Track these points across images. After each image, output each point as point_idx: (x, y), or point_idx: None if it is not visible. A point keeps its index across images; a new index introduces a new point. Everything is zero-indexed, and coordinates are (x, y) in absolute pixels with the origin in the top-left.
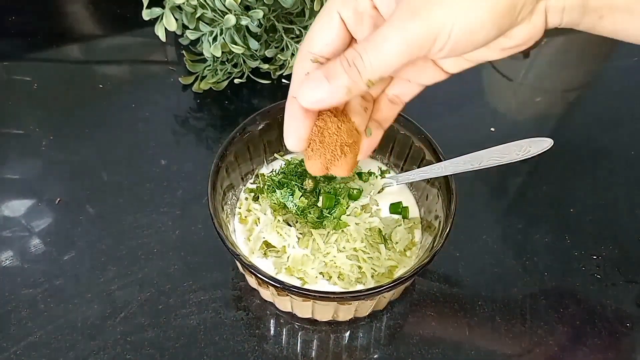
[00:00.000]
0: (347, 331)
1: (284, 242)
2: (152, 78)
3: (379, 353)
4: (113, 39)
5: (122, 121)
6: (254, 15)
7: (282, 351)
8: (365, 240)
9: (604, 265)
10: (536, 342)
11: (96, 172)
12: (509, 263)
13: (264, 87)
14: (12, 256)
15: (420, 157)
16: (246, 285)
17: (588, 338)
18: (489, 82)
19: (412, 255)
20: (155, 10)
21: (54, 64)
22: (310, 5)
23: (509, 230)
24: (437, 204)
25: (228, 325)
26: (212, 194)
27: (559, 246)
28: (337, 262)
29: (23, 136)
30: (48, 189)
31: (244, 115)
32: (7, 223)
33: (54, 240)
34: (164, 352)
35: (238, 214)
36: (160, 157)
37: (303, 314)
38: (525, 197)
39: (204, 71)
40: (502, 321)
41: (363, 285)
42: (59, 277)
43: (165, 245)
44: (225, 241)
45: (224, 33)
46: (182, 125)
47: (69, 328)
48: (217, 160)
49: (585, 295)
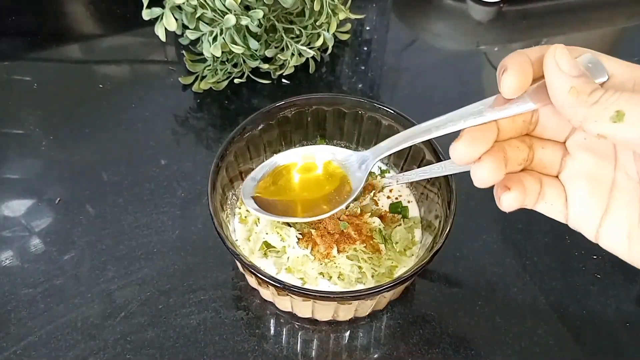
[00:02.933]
0: (347, 331)
1: (284, 242)
2: (152, 78)
3: (379, 353)
4: (113, 39)
5: (122, 121)
6: (254, 15)
7: (282, 351)
8: (365, 240)
9: (604, 265)
10: (536, 342)
11: (96, 172)
12: (509, 263)
13: (264, 87)
14: (12, 256)
15: (420, 157)
16: (246, 285)
17: (588, 338)
18: (489, 82)
19: (412, 255)
20: (155, 10)
21: (54, 64)
22: (310, 5)
23: (509, 230)
24: (437, 203)
25: (228, 325)
26: (212, 194)
27: (559, 246)
28: (337, 262)
29: (23, 136)
30: (48, 189)
31: (244, 115)
32: (7, 223)
33: (54, 240)
34: (164, 352)
35: (238, 214)
36: (160, 157)
37: (303, 314)
38: None
39: (204, 71)
40: (502, 321)
41: (363, 285)
42: (59, 276)
43: (165, 245)
44: (225, 241)
45: (224, 33)
46: (182, 125)
47: (69, 328)
48: (217, 160)
49: (585, 295)
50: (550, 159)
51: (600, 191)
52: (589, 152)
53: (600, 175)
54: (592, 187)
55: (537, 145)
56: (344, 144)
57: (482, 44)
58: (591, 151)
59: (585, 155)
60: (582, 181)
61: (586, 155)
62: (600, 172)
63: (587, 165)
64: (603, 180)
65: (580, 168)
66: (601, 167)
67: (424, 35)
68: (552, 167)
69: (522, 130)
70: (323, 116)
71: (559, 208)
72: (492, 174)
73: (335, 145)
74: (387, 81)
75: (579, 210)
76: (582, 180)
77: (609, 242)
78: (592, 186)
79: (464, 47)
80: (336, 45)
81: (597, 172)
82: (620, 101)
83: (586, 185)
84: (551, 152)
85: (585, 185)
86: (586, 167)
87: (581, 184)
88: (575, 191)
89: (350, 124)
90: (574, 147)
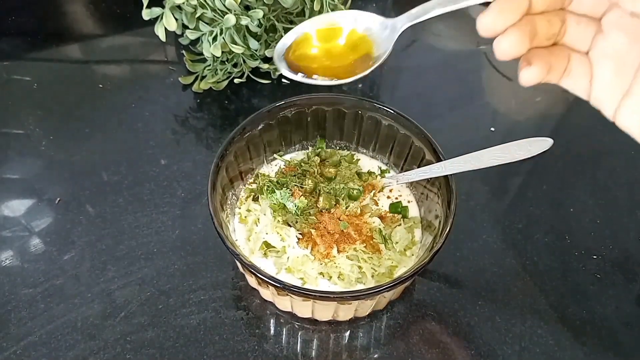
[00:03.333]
0: (347, 331)
1: (284, 242)
2: (152, 78)
3: (379, 353)
4: (113, 39)
5: (122, 121)
6: (254, 15)
7: (282, 351)
8: (365, 240)
9: (604, 265)
10: (536, 342)
11: (96, 172)
12: (509, 263)
13: (264, 87)
14: (12, 256)
15: (420, 157)
16: (246, 285)
17: (588, 338)
18: (489, 82)
19: (412, 255)
20: (155, 10)
21: (54, 64)
22: (310, 5)
23: (509, 230)
24: (437, 203)
25: (228, 325)
26: (212, 194)
27: (559, 246)
28: (337, 262)
29: (23, 136)
30: (48, 189)
31: (244, 115)
32: (7, 223)
33: (54, 240)
34: (164, 352)
35: (238, 214)
36: (160, 157)
37: (303, 314)
38: (525, 197)
39: (204, 71)
40: (502, 321)
41: (363, 285)
42: (59, 276)
43: (165, 245)
44: (225, 241)
45: (223, 33)
46: (182, 125)
47: (69, 328)
48: (217, 160)
49: (585, 295)
50: (583, 35)
51: (625, 72)
52: (622, 32)
53: (628, 56)
54: (619, 67)
55: (571, 20)
56: (344, 143)
57: (482, 44)
58: (624, 31)
59: (618, 35)
60: (611, 60)
61: (619, 35)
62: (629, 53)
63: (618, 45)
64: (630, 62)
65: (611, 47)
66: (631, 49)
67: (424, 35)
68: (583, 44)
69: (556, 4)
70: (323, 116)
71: (583, 85)
72: (514, 47)
73: (335, 144)
74: (387, 81)
75: (602, 88)
76: (610, 59)
77: (626, 122)
78: (619, 66)
79: (464, 47)
80: None
81: (627, 53)
82: None
83: (614, 64)
84: (584, 27)
85: (612, 65)
86: (617, 47)
87: (609, 63)
88: (602, 69)
89: (350, 124)
90: (608, 25)
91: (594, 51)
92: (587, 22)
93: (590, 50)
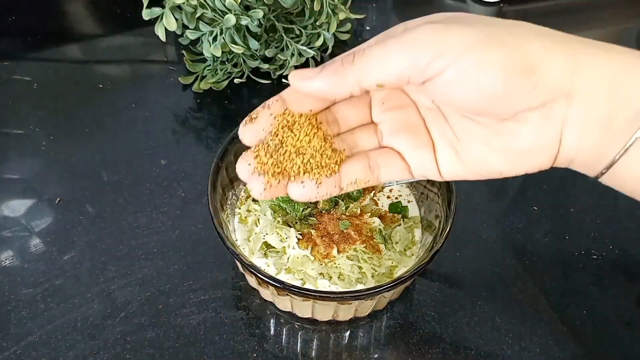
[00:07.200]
0: (347, 331)
1: (283, 243)
2: (152, 78)
3: (379, 353)
4: (113, 39)
5: (122, 121)
6: (254, 15)
7: (282, 351)
8: (365, 240)
9: (604, 265)
10: (536, 342)
11: (96, 172)
12: (509, 263)
13: (264, 87)
14: (12, 256)
15: None
16: (246, 285)
17: (588, 338)
18: None
19: (412, 255)
20: (155, 10)
21: (54, 64)
22: (310, 5)
23: (509, 230)
24: (437, 203)
25: (228, 325)
26: (212, 194)
27: (559, 246)
28: (337, 262)
29: (23, 136)
30: (48, 189)
31: (244, 115)
32: (7, 223)
33: (54, 240)
34: (164, 352)
35: (238, 214)
36: (160, 157)
37: (303, 314)
38: (525, 197)
39: (204, 71)
40: (502, 321)
41: (363, 285)
42: (59, 276)
43: (165, 245)
44: (225, 241)
45: (224, 33)
46: (182, 125)
47: (69, 328)
48: (217, 160)
49: (585, 295)
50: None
51: (420, 132)
52: (392, 111)
53: (412, 121)
54: (413, 134)
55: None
56: None
57: None
58: (393, 109)
59: (391, 115)
60: (404, 133)
61: (391, 114)
62: (410, 119)
63: (398, 120)
64: (417, 123)
65: (394, 125)
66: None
67: None
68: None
69: None
70: None
71: (399, 168)
72: None
73: None
74: None
75: (414, 157)
76: (402, 133)
77: (449, 172)
78: (413, 132)
79: None
80: (336, 45)
81: (408, 119)
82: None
83: (408, 134)
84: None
85: (407, 135)
86: (398, 122)
87: (404, 136)
88: (403, 144)
89: None
90: (378, 116)
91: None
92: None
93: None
